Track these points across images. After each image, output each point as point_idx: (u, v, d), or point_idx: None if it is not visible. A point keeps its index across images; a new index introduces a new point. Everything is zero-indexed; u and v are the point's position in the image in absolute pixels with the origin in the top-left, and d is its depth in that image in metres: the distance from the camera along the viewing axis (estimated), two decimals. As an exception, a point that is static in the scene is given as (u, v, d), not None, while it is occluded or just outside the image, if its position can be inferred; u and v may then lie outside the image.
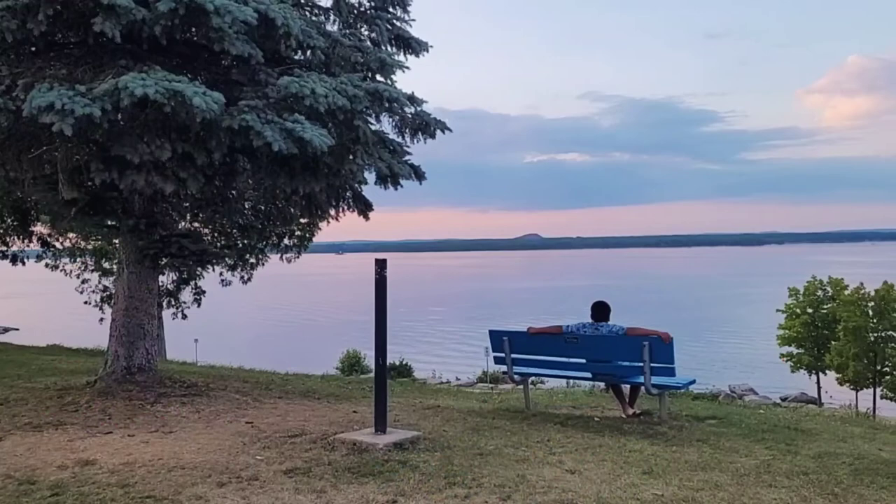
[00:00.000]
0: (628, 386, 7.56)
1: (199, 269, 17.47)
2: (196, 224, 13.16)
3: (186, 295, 21.81)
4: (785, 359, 38.48)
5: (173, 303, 21.65)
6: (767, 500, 4.59)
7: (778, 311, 39.81)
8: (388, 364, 6.20)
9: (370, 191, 8.56)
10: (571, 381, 11.80)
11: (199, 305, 22.07)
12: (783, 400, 38.82)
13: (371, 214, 8.84)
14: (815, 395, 37.31)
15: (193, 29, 6.39)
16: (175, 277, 20.78)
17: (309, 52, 7.28)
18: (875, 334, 32.68)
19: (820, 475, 5.25)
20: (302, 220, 16.56)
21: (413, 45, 8.30)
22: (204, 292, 21.85)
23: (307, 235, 19.43)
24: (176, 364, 13.65)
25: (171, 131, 6.38)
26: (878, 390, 32.02)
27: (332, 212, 9.02)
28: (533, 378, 9.76)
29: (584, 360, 7.47)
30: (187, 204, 9.44)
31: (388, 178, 7.73)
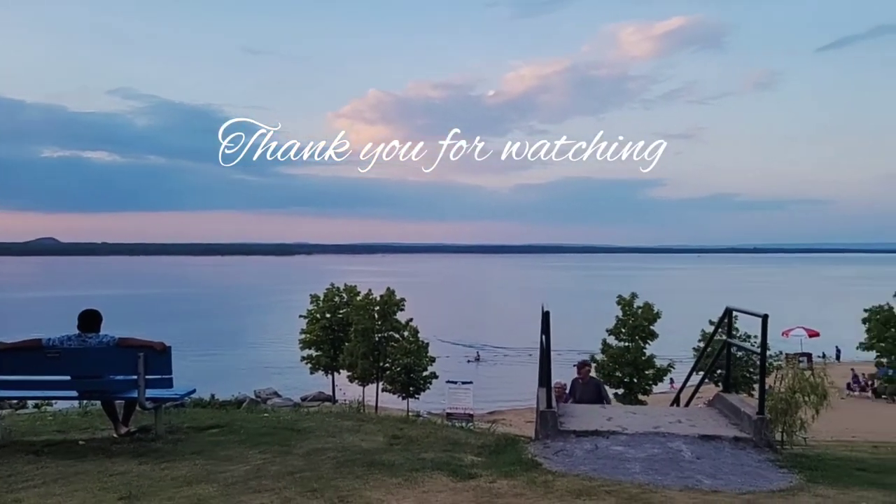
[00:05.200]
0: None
1: None
2: None
3: None
4: (305, 361, 41.03)
5: None
6: (250, 506, 4.51)
7: (301, 316, 42.30)
8: None
9: None
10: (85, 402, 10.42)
11: None
12: (303, 400, 41.43)
13: None
14: (331, 393, 40.62)
15: None
16: None
17: None
18: (379, 335, 37.02)
19: (306, 473, 5.42)
20: None
21: None
22: None
23: None
24: None
25: None
26: (381, 384, 36.33)
27: None
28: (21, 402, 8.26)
29: (69, 377, 6.52)
30: None
31: None
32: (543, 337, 7.46)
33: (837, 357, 51.75)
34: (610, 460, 6.00)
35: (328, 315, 41.74)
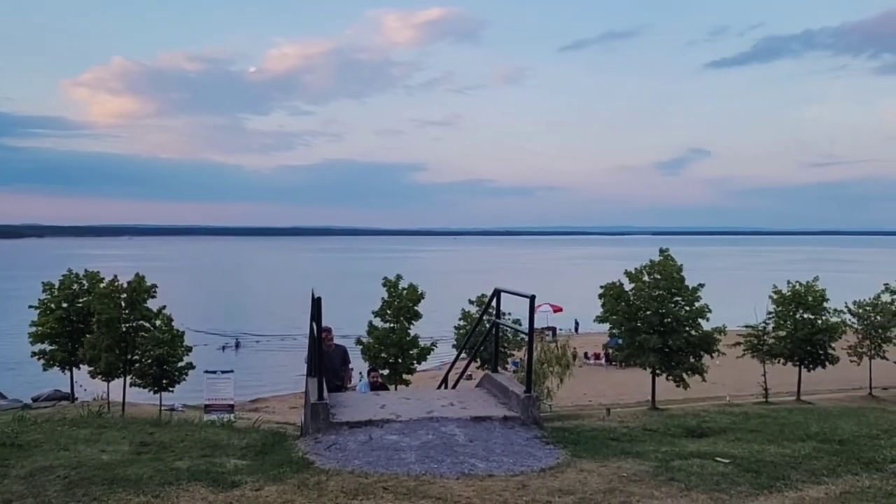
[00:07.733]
0: None
1: None
2: None
3: None
4: (37, 357, 36.40)
5: None
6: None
7: (31, 307, 37.37)
8: None
9: None
10: None
11: None
12: (35, 400, 36.88)
13: None
14: (69, 391, 36.48)
15: None
16: None
17: None
18: (127, 325, 33.74)
19: (27, 499, 4.50)
20: None
21: None
22: None
23: None
24: None
25: None
26: (129, 378, 33.24)
27: None
28: None
29: None
30: None
31: None
32: (314, 324, 7.00)
33: (576, 329, 57.43)
34: (385, 451, 5.74)
35: (65, 305, 37.17)
